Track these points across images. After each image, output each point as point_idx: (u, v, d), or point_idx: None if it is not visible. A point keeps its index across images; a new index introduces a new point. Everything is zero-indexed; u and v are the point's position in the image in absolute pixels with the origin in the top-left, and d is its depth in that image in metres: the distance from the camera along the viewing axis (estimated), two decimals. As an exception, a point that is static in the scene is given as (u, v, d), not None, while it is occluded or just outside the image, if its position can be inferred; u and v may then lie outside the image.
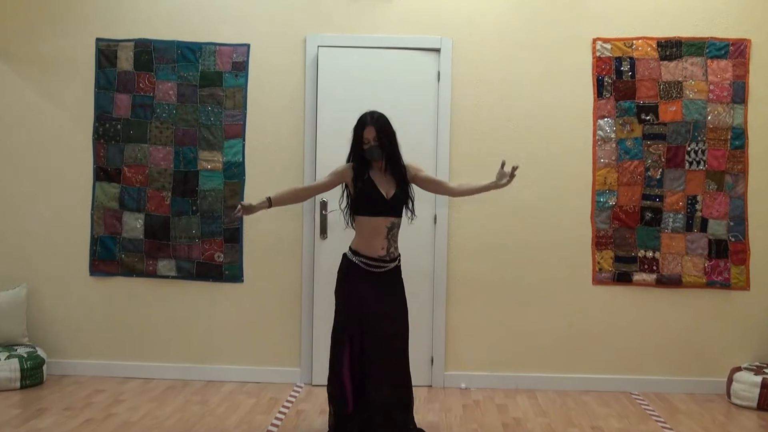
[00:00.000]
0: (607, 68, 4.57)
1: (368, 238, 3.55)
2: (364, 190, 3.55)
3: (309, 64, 4.56)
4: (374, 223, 3.53)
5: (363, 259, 3.54)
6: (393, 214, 3.58)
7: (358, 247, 3.57)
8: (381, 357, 3.51)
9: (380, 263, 3.54)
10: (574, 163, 4.58)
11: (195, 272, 4.62)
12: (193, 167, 4.59)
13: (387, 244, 3.55)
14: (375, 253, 3.54)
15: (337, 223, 4.32)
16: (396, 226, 3.60)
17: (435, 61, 4.56)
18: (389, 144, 3.56)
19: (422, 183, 3.72)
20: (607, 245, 4.59)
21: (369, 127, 3.54)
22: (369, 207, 3.54)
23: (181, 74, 4.60)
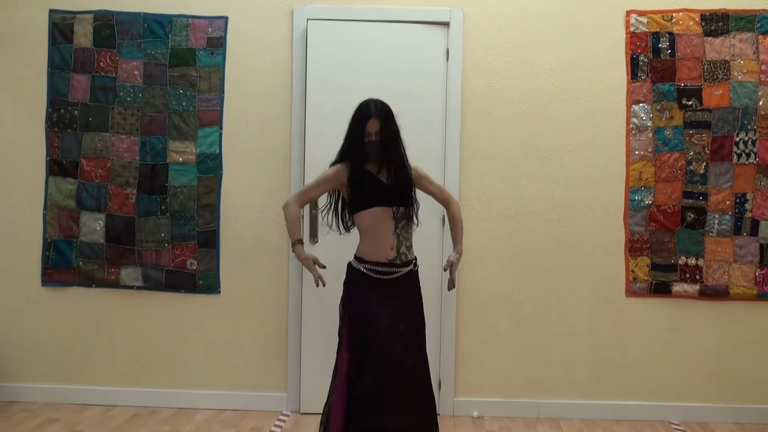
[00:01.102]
0: (643, 45, 4.29)
1: (374, 238, 3.34)
2: (361, 181, 3.35)
3: (297, 40, 4.28)
4: (378, 215, 3.31)
5: (369, 266, 3.33)
6: (399, 202, 3.35)
7: (363, 253, 3.39)
8: (394, 381, 3.25)
9: (390, 268, 3.33)
10: (604, 156, 4.31)
11: (164, 282, 4.34)
12: (162, 160, 4.31)
13: (397, 243, 3.33)
14: (383, 256, 3.33)
15: None
16: (406, 217, 3.36)
17: (443, 37, 4.30)
18: (393, 140, 3.36)
19: (424, 188, 3.55)
20: (643, 251, 4.32)
21: (373, 119, 3.34)
22: (369, 197, 3.33)
23: (147, 52, 4.32)
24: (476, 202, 4.32)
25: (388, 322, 3.25)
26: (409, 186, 3.42)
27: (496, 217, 4.33)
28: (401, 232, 3.31)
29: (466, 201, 4.30)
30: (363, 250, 3.34)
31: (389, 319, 3.26)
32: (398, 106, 3.42)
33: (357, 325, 3.29)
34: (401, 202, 3.37)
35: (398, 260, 3.29)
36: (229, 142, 4.34)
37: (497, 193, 4.26)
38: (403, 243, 3.31)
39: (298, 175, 4.25)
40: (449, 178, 4.26)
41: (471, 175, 4.29)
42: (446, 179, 4.24)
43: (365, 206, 3.34)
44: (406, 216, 3.33)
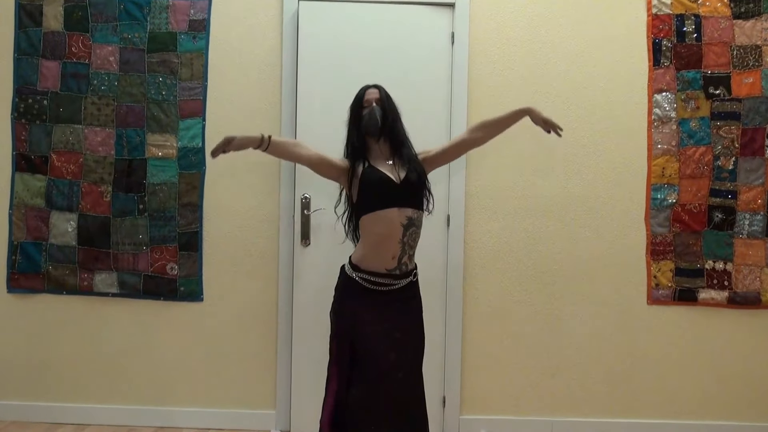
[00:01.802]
0: (666, 29, 4.11)
1: (377, 244, 3.15)
2: (367, 177, 3.17)
3: (287, 23, 4.09)
4: (385, 218, 3.11)
5: (365, 275, 3.14)
6: (409, 204, 3.17)
7: (360, 260, 3.18)
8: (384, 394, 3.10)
9: (389, 279, 3.15)
10: (623, 150, 4.14)
11: (142, 288, 4.14)
12: (139, 154, 4.11)
13: (400, 252, 3.14)
14: (383, 266, 3.14)
15: (322, 225, 3.95)
16: (415, 224, 3.18)
17: (448, 20, 4.11)
18: (393, 115, 3.25)
19: (439, 159, 3.36)
20: (666, 255, 4.13)
21: (372, 89, 3.29)
22: (376, 197, 3.14)
23: (124, 35, 4.11)
24: (484, 201, 4.13)
25: (381, 329, 3.09)
26: (422, 183, 3.24)
27: (506, 217, 4.14)
28: (408, 240, 3.13)
29: (472, 200, 4.12)
30: (361, 256, 3.15)
31: (383, 325, 3.10)
32: (399, 96, 3.31)
33: (346, 335, 3.13)
34: (414, 203, 3.19)
35: (398, 271, 3.11)
36: (214, 134, 4.12)
37: (506, 191, 4.10)
38: (407, 252, 3.13)
39: (288, 171, 4.06)
40: (454, 173, 4.08)
41: (478, 171, 4.11)
42: (451, 176, 4.07)
43: (372, 208, 3.15)
44: (417, 222, 3.13)
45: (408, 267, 3.14)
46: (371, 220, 3.11)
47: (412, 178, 3.14)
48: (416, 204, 3.15)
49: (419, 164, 3.23)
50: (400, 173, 3.14)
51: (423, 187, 3.20)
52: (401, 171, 3.15)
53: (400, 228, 3.08)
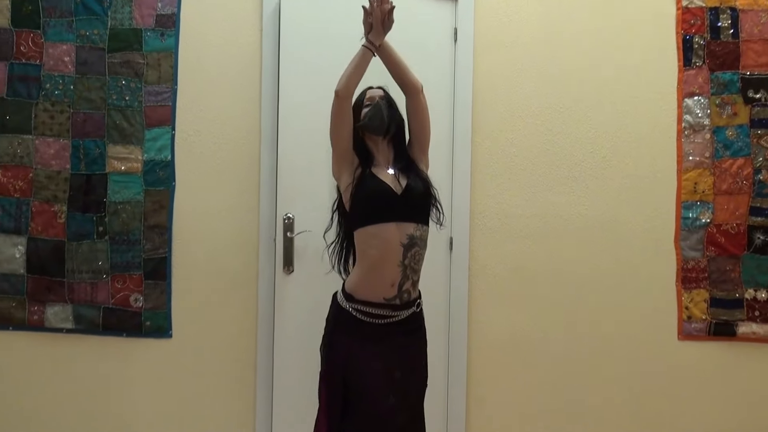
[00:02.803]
0: (699, 24, 3.92)
1: (372, 268, 2.95)
2: (362, 183, 3.01)
3: (268, 18, 3.88)
4: (381, 236, 2.93)
5: (360, 306, 2.95)
6: (411, 218, 2.98)
7: (354, 287, 2.99)
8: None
9: (387, 311, 2.95)
10: (649, 162, 3.98)
11: (101, 323, 3.87)
12: (99, 168, 3.86)
13: (401, 277, 2.94)
14: (380, 294, 2.94)
15: (308, 249, 3.71)
16: (417, 243, 2.98)
17: (450, 14, 3.95)
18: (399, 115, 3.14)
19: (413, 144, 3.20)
20: (699, 282, 3.94)
21: (375, 89, 3.20)
22: (370, 208, 2.98)
23: (81, 33, 3.87)
24: (491, 221, 3.92)
25: (379, 369, 2.89)
26: (428, 193, 3.09)
27: (516, 239, 3.94)
28: (410, 263, 2.91)
29: (478, 219, 3.92)
30: (355, 282, 2.95)
31: (381, 364, 2.89)
32: (395, 99, 3.28)
33: (338, 375, 2.95)
34: (418, 217, 3.01)
35: (398, 300, 2.90)
36: (184, 146, 3.89)
37: (517, 209, 3.89)
38: (409, 277, 2.91)
39: (269, 187, 3.82)
40: (458, 189, 3.87)
41: (485, 185, 3.91)
42: (454, 190, 3.88)
43: (367, 221, 2.96)
44: (421, 241, 2.98)
45: (411, 296, 2.93)
46: (364, 237, 2.92)
47: (416, 186, 2.96)
48: (420, 218, 2.94)
49: (422, 172, 3.03)
50: (401, 181, 2.92)
51: (429, 197, 3.00)
52: (402, 179, 2.93)
53: (399, 248, 2.87)
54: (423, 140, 3.13)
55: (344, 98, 2.94)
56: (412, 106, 3.11)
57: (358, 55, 2.98)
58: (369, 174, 2.98)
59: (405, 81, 3.09)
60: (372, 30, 2.99)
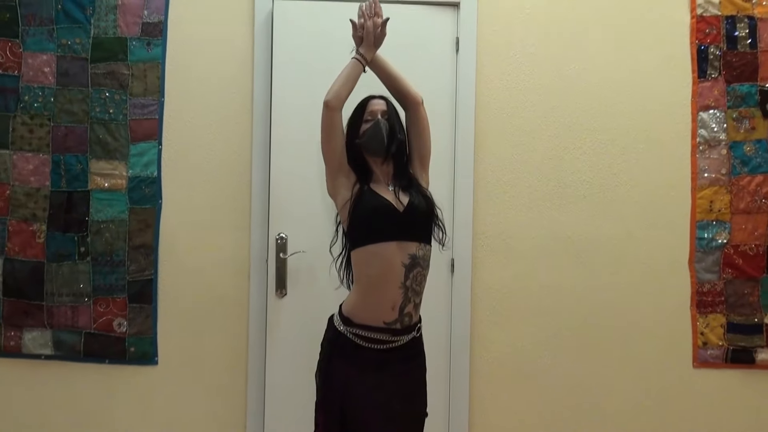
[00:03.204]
0: (714, 33, 3.81)
1: (371, 290, 2.86)
2: (361, 200, 2.91)
3: (260, 27, 3.78)
4: (381, 256, 2.83)
5: (358, 330, 2.84)
6: (414, 237, 2.88)
7: (352, 309, 2.88)
8: None
9: (386, 335, 2.83)
10: (662, 179, 3.89)
11: (83, 349, 3.77)
12: (81, 185, 3.76)
13: (402, 299, 2.83)
14: (380, 318, 2.83)
15: (302, 271, 3.62)
16: (420, 263, 2.88)
17: (452, 22, 3.82)
18: (401, 132, 3.01)
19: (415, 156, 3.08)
20: (716, 307, 3.83)
21: (377, 99, 3.04)
22: (370, 227, 2.88)
23: (62, 42, 3.77)
24: (495, 243, 3.81)
25: (378, 399, 2.79)
26: (431, 210, 2.98)
27: (521, 262, 3.82)
28: (411, 284, 2.82)
29: (481, 241, 3.80)
30: (353, 305, 2.85)
31: (381, 393, 2.80)
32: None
33: (335, 404, 2.87)
34: (421, 236, 2.91)
35: (399, 324, 2.80)
36: (171, 161, 3.81)
37: (523, 230, 3.78)
38: (411, 300, 2.81)
39: (261, 206, 3.72)
40: (459, 209, 3.75)
41: (488, 205, 3.80)
42: (455, 209, 3.74)
43: (364, 240, 2.87)
44: (423, 261, 2.88)
45: (412, 319, 2.83)
46: (364, 257, 2.82)
47: (418, 204, 2.86)
48: (422, 237, 2.86)
49: (425, 189, 2.94)
50: (402, 199, 2.86)
51: (432, 215, 2.90)
52: (403, 196, 2.88)
53: (401, 269, 2.77)
54: (424, 156, 3.01)
55: (335, 109, 2.82)
56: (412, 119, 3.01)
57: (349, 67, 2.88)
58: (368, 190, 2.88)
59: (403, 94, 2.98)
60: (363, 43, 2.89)
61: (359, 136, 2.91)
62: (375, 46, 2.90)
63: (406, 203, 2.85)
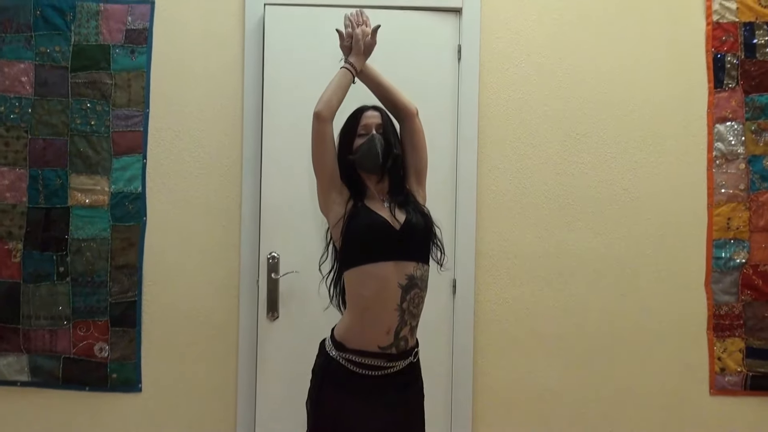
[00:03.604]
0: (731, 41, 3.72)
1: (366, 312, 2.76)
2: (355, 217, 2.80)
3: (250, 33, 3.69)
4: (377, 276, 2.73)
5: (352, 355, 2.75)
6: (411, 256, 2.79)
7: (345, 334, 2.79)
8: None
9: (381, 361, 2.74)
10: (675, 196, 3.81)
11: (62, 375, 3.68)
12: (60, 202, 3.67)
13: (398, 322, 2.74)
14: (375, 342, 2.75)
15: (295, 293, 3.56)
16: (418, 284, 2.78)
17: (453, 30, 3.73)
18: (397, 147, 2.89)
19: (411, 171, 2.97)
20: (734, 330, 3.73)
21: (371, 111, 2.92)
22: (365, 246, 2.78)
23: (41, 50, 3.68)
24: (499, 263, 3.71)
25: (372, 428, 2.76)
26: (428, 218, 2.90)
27: (527, 282, 3.72)
28: (408, 306, 2.74)
29: (484, 260, 3.70)
30: (346, 329, 2.76)
31: (375, 423, 2.73)
32: None
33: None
34: (419, 256, 2.82)
35: (394, 349, 2.71)
36: (157, 176, 3.71)
37: (528, 248, 3.67)
38: (407, 323, 2.71)
39: (252, 223, 3.63)
40: (461, 226, 3.64)
41: (491, 222, 3.69)
42: (457, 227, 3.64)
43: (358, 260, 2.77)
44: (421, 281, 2.78)
45: (408, 344, 2.71)
46: (357, 278, 2.71)
47: (416, 222, 2.80)
48: (420, 256, 2.76)
49: (422, 206, 2.91)
50: (398, 216, 2.77)
51: (430, 233, 2.81)
52: (400, 214, 2.79)
53: (398, 290, 2.67)
54: (419, 170, 2.90)
55: (326, 120, 2.69)
56: (407, 132, 2.90)
57: (338, 76, 2.77)
58: (362, 207, 2.77)
59: (396, 105, 2.86)
60: (351, 53, 2.78)
61: (352, 152, 2.78)
62: (365, 55, 2.78)
63: (403, 221, 2.74)
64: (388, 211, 2.78)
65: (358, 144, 2.79)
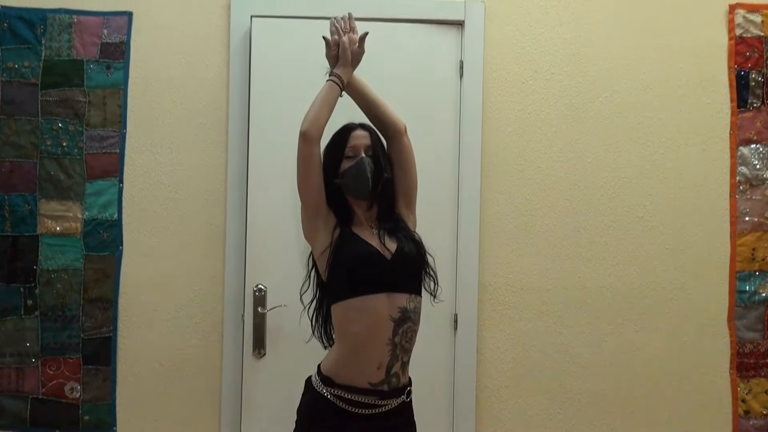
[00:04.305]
0: (755, 57, 3.71)
1: (356, 348, 2.68)
2: (343, 246, 2.71)
3: (236, 47, 3.62)
4: (368, 310, 2.65)
5: (340, 392, 2.65)
6: (404, 288, 2.71)
7: (333, 368, 2.71)
8: None
9: (374, 398, 2.65)
10: (695, 224, 3.76)
11: (29, 417, 3.56)
12: (28, 229, 3.56)
13: (390, 357, 2.66)
14: (365, 379, 2.66)
15: (284, 328, 3.52)
16: (411, 317, 2.70)
17: (455, 44, 3.68)
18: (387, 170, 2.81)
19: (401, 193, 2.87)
20: (759, 369, 3.66)
21: (359, 131, 2.82)
22: (355, 277, 2.69)
23: (8, 65, 3.60)
24: (503, 296, 3.63)
25: None
26: (421, 247, 2.81)
27: (534, 317, 3.64)
28: (401, 340, 2.66)
29: (488, 293, 3.62)
30: (333, 363, 2.68)
31: None
32: None
33: None
34: (411, 287, 2.73)
35: (386, 386, 2.63)
36: (134, 202, 3.61)
37: (536, 280, 3.58)
38: (399, 358, 2.65)
39: (237, 252, 3.54)
40: (463, 255, 3.56)
41: (495, 252, 3.61)
42: (459, 257, 3.57)
43: (348, 293, 2.68)
44: (414, 315, 2.69)
45: (400, 381, 2.60)
46: (346, 311, 2.66)
47: (408, 251, 2.72)
48: (413, 288, 2.69)
49: (413, 233, 2.85)
50: (388, 244, 2.70)
51: (422, 262, 2.78)
52: (390, 242, 2.71)
53: (389, 323, 2.62)
54: (409, 192, 2.80)
55: (314, 140, 2.58)
56: (395, 150, 2.80)
57: (324, 91, 2.65)
58: (350, 234, 2.68)
59: (384, 121, 2.75)
60: (338, 63, 2.66)
61: (339, 176, 2.66)
62: (352, 65, 2.67)
63: (395, 250, 2.65)
64: (377, 239, 2.72)
65: (346, 167, 2.68)
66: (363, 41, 2.67)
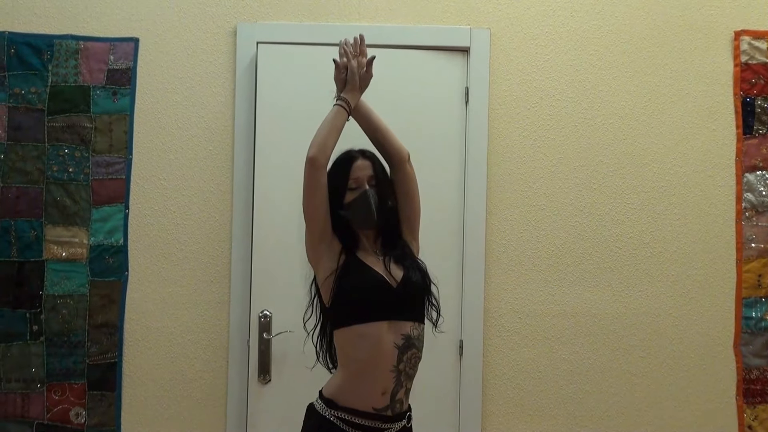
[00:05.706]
0: (762, 84, 3.75)
1: (360, 374, 2.72)
2: (348, 273, 2.75)
3: (242, 74, 3.69)
4: (372, 337, 2.69)
5: (344, 414, 2.67)
6: (408, 315, 2.76)
7: (336, 392, 2.73)
8: None
9: (378, 422, 2.69)
10: (702, 250, 3.79)
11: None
12: (34, 255, 3.63)
13: (395, 384, 2.70)
14: (369, 404, 2.69)
15: (289, 354, 3.57)
16: (415, 344, 2.75)
17: (461, 71, 3.73)
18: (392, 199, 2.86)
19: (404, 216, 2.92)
20: (766, 396, 3.70)
21: (361, 160, 2.85)
22: (359, 304, 2.73)
23: (15, 91, 3.67)
24: (509, 322, 3.67)
25: None
26: (426, 275, 2.85)
27: (540, 344, 3.68)
28: (405, 367, 2.70)
29: (494, 320, 3.67)
30: (338, 387, 2.72)
31: None
32: None
33: None
34: (416, 315, 2.78)
35: (389, 411, 2.67)
36: (140, 228, 3.68)
37: (541, 307, 3.64)
38: (403, 385, 2.68)
39: (242, 278, 3.60)
40: (469, 282, 3.62)
41: (501, 278, 3.67)
42: (464, 284, 3.62)
43: (351, 320, 2.72)
44: (418, 342, 2.74)
45: (403, 406, 2.66)
46: (350, 338, 2.71)
47: (414, 279, 2.76)
48: (417, 316, 2.74)
49: (419, 260, 2.89)
50: (394, 272, 2.73)
51: (428, 291, 2.84)
52: (396, 269, 2.74)
53: (394, 351, 2.66)
54: (412, 220, 2.85)
55: (321, 167, 2.63)
56: (398, 178, 2.84)
57: (331, 115, 2.69)
58: (355, 261, 2.72)
59: (387, 148, 2.80)
60: (346, 87, 2.70)
61: (343, 207, 2.71)
62: (360, 89, 2.71)
63: (401, 278, 2.69)
64: (383, 266, 2.74)
65: (350, 199, 2.73)
66: (371, 65, 2.71)
